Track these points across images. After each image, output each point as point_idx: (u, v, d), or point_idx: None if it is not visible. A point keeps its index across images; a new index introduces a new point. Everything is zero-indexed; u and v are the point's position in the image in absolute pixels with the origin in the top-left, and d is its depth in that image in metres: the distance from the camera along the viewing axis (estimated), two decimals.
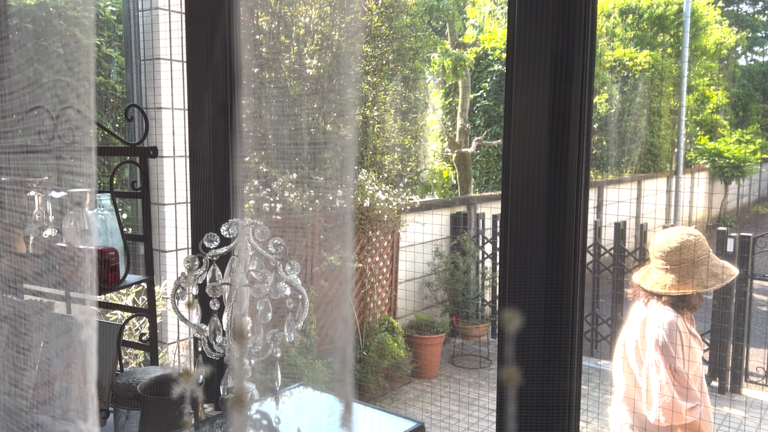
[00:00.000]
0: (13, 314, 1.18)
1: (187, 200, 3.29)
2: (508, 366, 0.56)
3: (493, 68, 8.51)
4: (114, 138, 2.02)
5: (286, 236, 4.29)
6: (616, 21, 11.42)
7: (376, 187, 4.96)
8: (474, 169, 8.38)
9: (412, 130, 6.63)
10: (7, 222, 1.11)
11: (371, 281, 5.08)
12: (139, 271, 2.19)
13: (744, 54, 19.70)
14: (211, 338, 1.46)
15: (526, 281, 1.30)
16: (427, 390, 5.15)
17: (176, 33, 3.58)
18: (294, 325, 1.43)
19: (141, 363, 3.28)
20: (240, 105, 1.75)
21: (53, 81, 1.13)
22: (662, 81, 10.76)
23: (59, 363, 1.26)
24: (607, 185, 9.24)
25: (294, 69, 4.68)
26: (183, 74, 3.68)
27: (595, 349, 5.87)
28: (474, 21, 9.00)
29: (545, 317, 1.29)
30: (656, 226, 8.38)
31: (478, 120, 8.61)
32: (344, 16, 4.91)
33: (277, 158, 4.36)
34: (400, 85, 6.44)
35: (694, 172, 11.83)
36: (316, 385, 1.76)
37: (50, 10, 2.98)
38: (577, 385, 1.31)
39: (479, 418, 4.66)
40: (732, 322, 5.00)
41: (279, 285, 1.40)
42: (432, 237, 6.09)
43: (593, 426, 4.58)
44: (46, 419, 1.17)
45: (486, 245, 6.32)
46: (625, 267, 5.70)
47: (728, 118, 14.72)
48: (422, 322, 5.57)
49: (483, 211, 6.62)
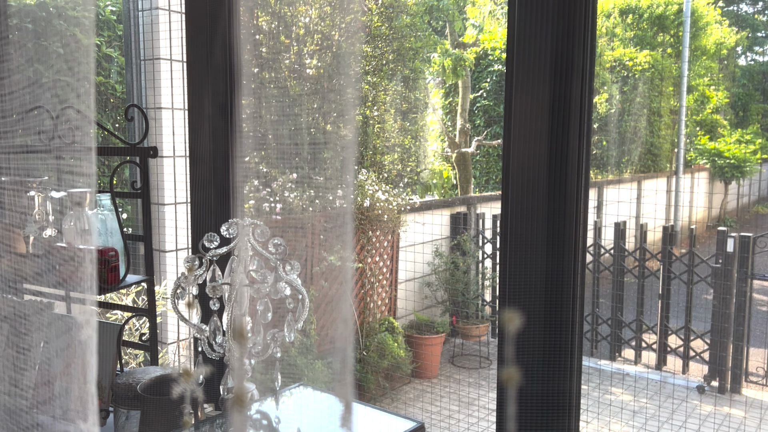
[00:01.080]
0: (13, 314, 1.18)
1: (187, 200, 3.29)
2: (508, 366, 0.56)
3: (493, 68, 8.51)
4: (114, 138, 2.02)
5: (286, 236, 4.29)
6: (616, 21, 11.42)
7: (376, 187, 4.96)
8: (474, 169, 8.38)
9: (412, 130, 6.63)
10: (7, 222, 1.11)
11: (371, 281, 5.08)
12: (139, 271, 2.19)
13: (744, 54, 19.69)
14: (211, 338, 1.46)
15: (526, 281, 1.30)
16: (427, 390, 5.15)
17: (176, 33, 3.58)
18: (294, 325, 1.43)
19: (141, 363, 3.28)
20: (240, 105, 1.75)
21: (53, 81, 1.13)
22: (662, 81, 10.76)
23: (59, 363, 1.26)
24: (607, 185, 9.24)
25: (294, 69, 4.68)
26: (183, 74, 3.68)
27: (595, 349, 5.87)
28: (474, 21, 9.00)
29: (545, 317, 1.29)
30: (656, 226, 8.38)
31: (478, 120, 8.61)
32: (344, 16, 4.91)
33: (277, 158, 4.36)
34: (400, 85, 6.44)
35: (694, 172, 11.83)
36: (316, 385, 1.76)
37: (50, 10, 2.98)
38: (577, 385, 1.31)
39: (479, 418, 4.66)
40: (732, 322, 5.00)
41: (279, 285, 1.40)
42: (432, 237, 6.09)
43: (593, 426, 4.58)
44: (46, 419, 1.17)
45: (486, 245, 6.32)
46: (625, 267, 5.70)
47: (728, 118, 14.71)
48: (422, 322, 5.57)
49: (483, 211, 6.61)
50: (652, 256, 5.52)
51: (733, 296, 4.99)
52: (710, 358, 5.13)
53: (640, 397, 5.02)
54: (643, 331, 5.59)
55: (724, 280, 4.99)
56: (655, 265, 5.50)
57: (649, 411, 4.79)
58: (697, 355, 5.26)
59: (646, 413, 4.75)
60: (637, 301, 5.55)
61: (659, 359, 5.47)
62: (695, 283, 5.22)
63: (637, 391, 5.11)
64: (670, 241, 5.35)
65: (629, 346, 5.73)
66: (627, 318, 5.67)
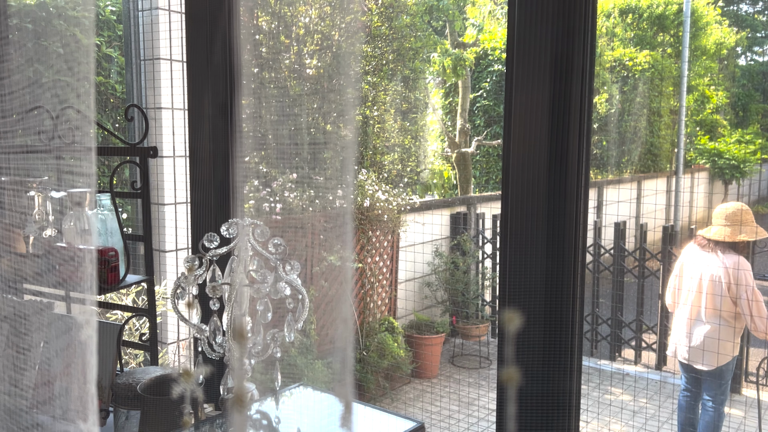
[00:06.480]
0: (13, 314, 1.18)
1: (187, 200, 3.29)
2: (508, 366, 0.56)
3: (493, 68, 8.51)
4: (114, 138, 2.02)
5: (286, 236, 4.29)
6: (616, 21, 11.42)
7: (376, 187, 4.96)
8: (474, 169, 8.38)
9: (412, 130, 6.63)
10: (7, 222, 1.10)
11: (371, 281, 5.08)
12: (139, 271, 2.19)
13: (744, 54, 19.70)
14: (211, 338, 1.46)
15: (526, 281, 1.30)
16: (427, 390, 5.15)
17: (176, 33, 3.58)
18: (294, 325, 1.43)
19: (141, 363, 3.28)
20: (240, 105, 1.75)
21: (53, 81, 1.13)
22: (662, 81, 10.76)
23: (59, 363, 1.26)
24: (607, 185, 9.24)
25: (294, 69, 4.68)
26: (183, 74, 3.68)
27: (595, 349, 5.87)
28: (474, 21, 8.99)
29: (545, 317, 1.29)
30: (656, 226, 8.38)
31: (478, 120, 8.61)
32: (344, 16, 4.91)
33: (277, 158, 4.36)
34: (400, 85, 6.44)
35: (694, 172, 11.83)
36: (316, 385, 1.76)
37: (50, 10, 2.98)
38: (577, 385, 1.31)
39: (479, 418, 4.66)
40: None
41: (279, 285, 1.40)
42: (432, 237, 6.09)
43: (593, 426, 4.58)
44: (46, 419, 1.17)
45: (486, 245, 6.32)
46: (625, 267, 5.70)
47: (728, 118, 14.71)
48: (422, 322, 5.57)
49: (483, 211, 6.62)
50: (652, 256, 5.52)
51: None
52: None
53: (640, 397, 5.02)
54: (643, 331, 5.59)
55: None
56: (655, 265, 5.50)
57: (649, 411, 4.79)
58: None
59: (646, 413, 4.75)
60: (637, 301, 5.55)
61: (659, 359, 5.47)
62: None
63: (637, 391, 5.11)
64: (670, 241, 5.35)
65: (629, 346, 5.73)
66: (627, 318, 5.67)
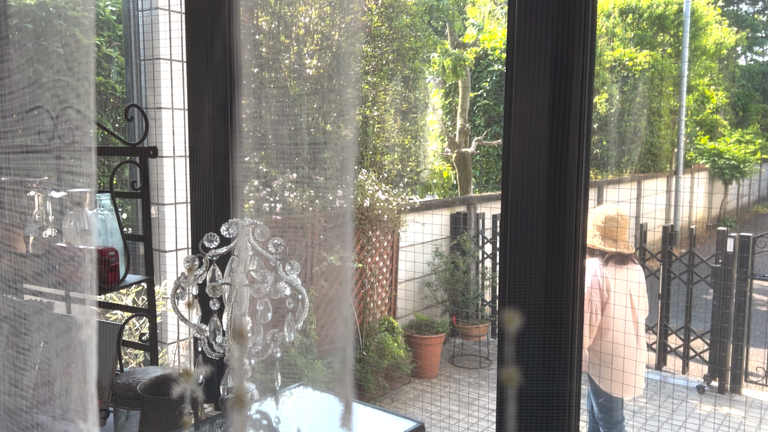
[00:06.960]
0: (13, 314, 1.18)
1: (187, 200, 3.29)
2: (508, 366, 0.56)
3: (493, 68, 8.51)
4: (114, 138, 2.02)
5: (286, 236, 4.29)
6: (616, 21, 11.42)
7: (376, 187, 4.96)
8: (474, 169, 8.38)
9: (412, 130, 6.63)
10: (7, 222, 1.10)
11: (371, 281, 5.08)
12: (139, 271, 2.19)
13: (744, 54, 19.70)
14: (211, 338, 1.46)
15: (526, 281, 1.30)
16: (427, 390, 5.15)
17: (176, 33, 3.58)
18: (294, 325, 1.43)
19: (141, 363, 3.28)
20: (240, 105, 1.75)
21: (53, 81, 1.13)
22: (662, 81, 10.76)
23: (59, 363, 1.26)
24: (607, 185, 9.25)
25: (294, 69, 4.68)
26: (183, 74, 3.68)
27: None
28: (474, 21, 8.99)
29: (545, 317, 1.29)
30: (656, 226, 8.38)
31: (478, 120, 8.61)
32: (344, 16, 4.91)
33: (277, 158, 4.36)
34: (400, 85, 6.44)
35: (694, 172, 11.83)
36: (316, 385, 1.76)
37: (50, 10, 2.98)
38: (577, 385, 1.31)
39: (479, 418, 4.66)
40: (732, 322, 5.00)
41: (279, 285, 1.40)
42: (432, 237, 6.09)
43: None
44: (46, 419, 1.17)
45: (486, 245, 6.32)
46: None
47: (728, 118, 14.72)
48: (422, 322, 5.57)
49: (483, 211, 6.62)
50: (652, 256, 5.52)
51: (733, 296, 4.99)
52: (710, 358, 5.13)
53: (640, 397, 5.02)
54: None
55: (724, 280, 4.99)
56: (655, 265, 5.50)
57: (649, 411, 4.79)
58: (696, 355, 5.26)
59: (646, 413, 4.75)
60: None
61: (659, 359, 5.47)
62: (695, 283, 5.22)
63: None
64: (670, 241, 5.35)
65: None
66: None
